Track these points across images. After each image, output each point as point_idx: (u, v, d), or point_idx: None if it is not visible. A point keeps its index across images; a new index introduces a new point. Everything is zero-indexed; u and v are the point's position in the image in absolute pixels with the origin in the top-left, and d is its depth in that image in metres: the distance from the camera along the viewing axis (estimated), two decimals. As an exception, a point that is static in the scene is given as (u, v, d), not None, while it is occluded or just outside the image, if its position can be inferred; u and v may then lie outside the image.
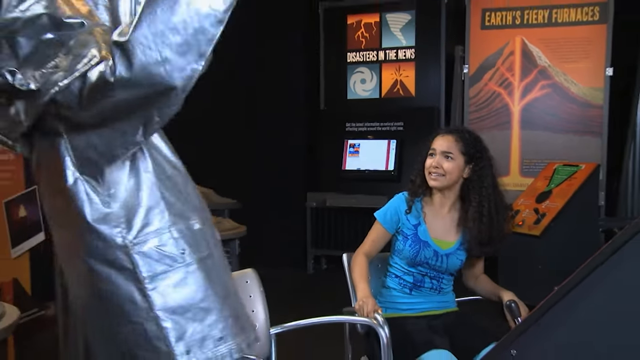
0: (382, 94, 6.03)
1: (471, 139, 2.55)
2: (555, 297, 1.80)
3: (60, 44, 1.30)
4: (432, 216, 2.58)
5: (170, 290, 1.38)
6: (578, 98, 5.25)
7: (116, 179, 1.37)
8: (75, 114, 1.30)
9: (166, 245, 1.38)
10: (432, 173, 2.52)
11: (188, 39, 1.26)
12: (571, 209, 4.24)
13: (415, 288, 2.58)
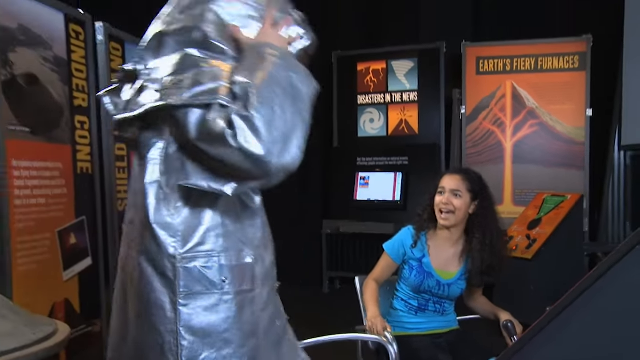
0: (389, 132, 6.04)
1: (475, 177, 2.54)
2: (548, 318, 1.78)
3: (197, 63, 1.27)
4: (436, 249, 2.56)
5: (199, 311, 1.30)
6: (563, 136, 5.23)
7: (185, 195, 1.31)
8: (182, 136, 1.26)
9: (211, 269, 1.31)
10: (442, 211, 2.51)
11: (295, 126, 1.23)
12: (559, 235, 4.20)
13: (420, 310, 2.56)
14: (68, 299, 2.70)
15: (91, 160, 2.91)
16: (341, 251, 5.98)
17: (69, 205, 2.73)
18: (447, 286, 2.53)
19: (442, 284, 2.52)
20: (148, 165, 1.30)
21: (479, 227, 2.51)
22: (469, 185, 2.50)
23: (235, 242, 1.34)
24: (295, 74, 1.25)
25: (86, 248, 2.87)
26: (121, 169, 3.23)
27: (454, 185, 2.50)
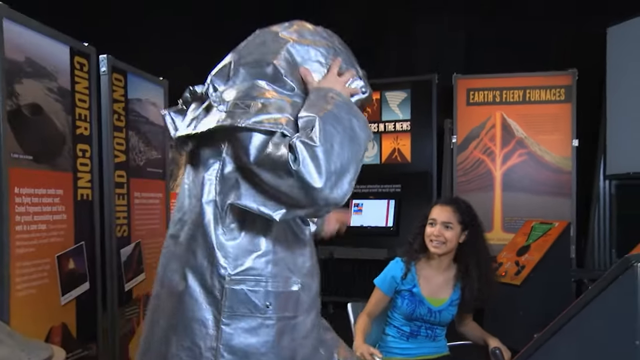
0: (382, 160, 6.06)
1: (466, 208, 2.54)
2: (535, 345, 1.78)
3: (264, 94, 1.32)
4: (426, 277, 2.56)
5: (240, 332, 1.31)
6: (551, 165, 5.26)
7: (239, 217, 1.32)
8: (241, 159, 1.28)
9: (257, 292, 1.31)
10: (433, 241, 2.51)
11: (350, 164, 1.25)
12: (547, 261, 4.20)
13: (412, 336, 2.55)
14: (65, 323, 2.68)
15: (91, 187, 2.92)
16: (335, 276, 5.95)
17: (68, 231, 2.73)
18: (438, 313, 2.52)
19: (434, 311, 2.52)
20: (205, 184, 1.33)
21: (469, 256, 2.51)
22: (459, 217, 2.51)
23: (283, 269, 1.36)
24: (355, 118, 1.30)
25: (84, 273, 2.86)
26: (120, 195, 3.24)
27: (445, 217, 2.50)
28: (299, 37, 1.44)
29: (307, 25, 1.51)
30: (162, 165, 3.76)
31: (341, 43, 1.52)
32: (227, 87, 1.37)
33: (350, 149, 1.25)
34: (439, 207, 2.55)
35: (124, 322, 3.25)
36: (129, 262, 3.31)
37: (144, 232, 3.50)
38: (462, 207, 2.55)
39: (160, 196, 3.72)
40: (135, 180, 3.39)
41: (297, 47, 1.42)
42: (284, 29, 1.47)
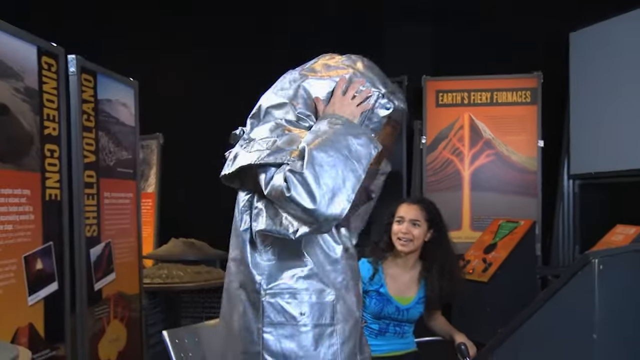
0: (352, 161, 6.07)
1: (431, 207, 2.57)
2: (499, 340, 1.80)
3: (283, 130, 1.50)
4: (393, 276, 2.58)
5: (280, 338, 1.49)
6: (517, 165, 5.34)
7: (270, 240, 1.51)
8: (261, 192, 1.45)
9: (290, 304, 1.49)
10: (401, 239, 2.53)
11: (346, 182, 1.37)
12: (513, 258, 4.25)
13: (380, 334, 2.57)
14: (32, 323, 2.63)
15: (60, 187, 2.87)
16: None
17: (36, 231, 2.68)
18: (405, 311, 2.54)
19: (401, 309, 2.54)
20: (241, 214, 1.55)
21: (435, 253, 2.54)
22: (426, 215, 2.53)
23: (316, 283, 1.52)
24: (354, 137, 1.42)
25: (53, 273, 2.81)
26: (90, 195, 3.19)
27: (413, 215, 2.52)
28: (317, 71, 1.61)
29: (331, 58, 1.68)
30: (133, 165, 3.72)
31: (366, 65, 1.65)
32: (256, 128, 1.56)
33: (345, 167, 1.37)
34: (406, 205, 2.58)
35: (94, 322, 3.21)
36: (98, 262, 3.27)
37: (114, 231, 3.45)
38: (428, 205, 2.58)
39: (130, 196, 3.68)
40: (105, 180, 3.34)
41: (312, 82, 1.59)
42: (307, 66, 1.67)
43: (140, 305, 3.78)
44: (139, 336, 3.74)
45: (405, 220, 2.52)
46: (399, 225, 2.53)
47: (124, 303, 3.56)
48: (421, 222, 2.51)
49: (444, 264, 2.52)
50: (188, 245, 4.86)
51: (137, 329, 3.71)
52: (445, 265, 2.52)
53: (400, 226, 2.53)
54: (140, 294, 3.81)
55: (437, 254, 2.53)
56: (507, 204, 5.29)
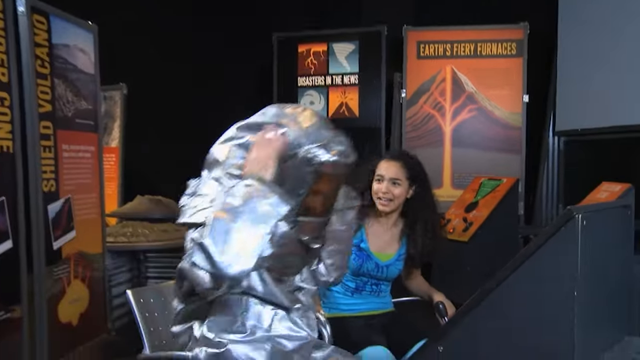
0: (329, 115, 6.02)
1: (413, 163, 2.53)
2: (478, 299, 1.81)
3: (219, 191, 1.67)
4: (374, 232, 2.57)
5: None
6: (501, 120, 5.35)
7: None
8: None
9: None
10: (381, 198, 2.51)
11: (248, 243, 1.51)
12: (495, 217, 4.30)
13: (356, 292, 2.57)
14: (-14, 283, 2.58)
15: (12, 138, 2.79)
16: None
17: (-12, 187, 2.61)
18: (385, 268, 2.55)
19: (381, 266, 2.54)
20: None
21: (417, 211, 2.53)
22: (407, 173, 2.50)
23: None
24: (263, 198, 1.54)
25: (6, 230, 2.76)
26: (47, 147, 3.11)
27: (393, 173, 2.49)
28: (251, 129, 1.76)
29: (268, 111, 1.79)
30: (94, 116, 3.62)
31: (300, 119, 1.72)
32: (202, 183, 1.74)
33: (249, 231, 1.51)
34: (386, 162, 2.54)
35: (53, 283, 3.17)
36: (57, 219, 3.21)
37: (74, 187, 3.39)
38: (410, 161, 2.55)
39: (92, 149, 3.60)
40: (63, 132, 3.25)
41: (240, 146, 1.73)
42: (249, 121, 1.80)
43: (103, 265, 3.75)
44: (102, 297, 3.71)
45: (384, 179, 2.49)
46: (379, 184, 2.50)
47: (85, 262, 3.52)
48: (402, 180, 2.48)
49: (427, 221, 2.52)
50: (154, 203, 4.80)
51: (100, 289, 3.68)
52: (428, 222, 2.52)
53: (380, 185, 2.50)
54: (103, 253, 3.77)
55: (420, 211, 2.52)
56: (490, 161, 5.32)
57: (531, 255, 1.67)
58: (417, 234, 2.52)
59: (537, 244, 1.67)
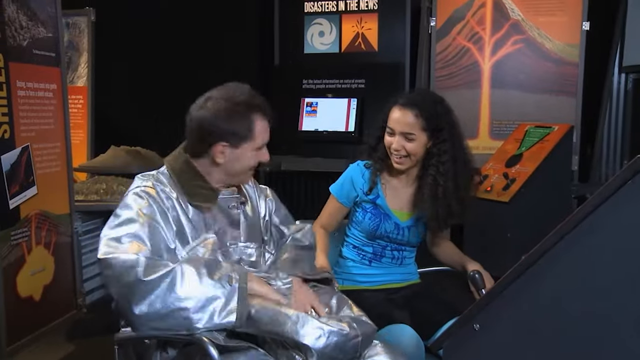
0: (342, 49, 5.96)
1: (432, 109, 2.44)
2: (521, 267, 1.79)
3: None
4: (393, 186, 2.55)
5: None
6: (552, 55, 5.26)
7: None
8: None
9: None
10: (393, 154, 2.47)
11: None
12: (542, 173, 4.27)
13: (375, 259, 2.57)
14: None
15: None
16: (282, 193, 5.94)
17: None
18: (406, 229, 2.54)
19: (401, 227, 2.53)
20: None
21: (432, 168, 2.47)
22: (424, 123, 2.42)
23: None
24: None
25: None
26: (-3, 85, 3.09)
27: (405, 126, 2.42)
28: None
29: None
30: (55, 47, 3.59)
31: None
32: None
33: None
34: (397, 110, 2.46)
35: (10, 249, 3.19)
36: (13, 172, 3.21)
37: (34, 133, 3.38)
38: (427, 107, 2.44)
39: (53, 88, 3.58)
40: (17, 65, 3.23)
41: None
42: None
43: (71, 228, 3.77)
44: (71, 266, 3.75)
45: (396, 132, 2.44)
46: (391, 138, 2.45)
47: (49, 225, 3.54)
48: (417, 133, 2.41)
49: (437, 181, 2.46)
50: (132, 155, 4.81)
51: (68, 257, 3.71)
52: (439, 182, 2.46)
53: (391, 139, 2.45)
54: (71, 213, 3.79)
55: (433, 168, 2.46)
56: (537, 105, 5.26)
57: (586, 217, 1.64)
58: (424, 198, 2.48)
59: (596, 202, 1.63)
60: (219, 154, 2.07)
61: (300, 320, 1.87)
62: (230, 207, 2.18)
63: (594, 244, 1.67)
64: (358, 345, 1.92)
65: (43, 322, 3.47)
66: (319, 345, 1.85)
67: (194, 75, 5.88)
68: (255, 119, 2.10)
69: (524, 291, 1.78)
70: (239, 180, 2.19)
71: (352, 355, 1.92)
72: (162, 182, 2.08)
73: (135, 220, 1.93)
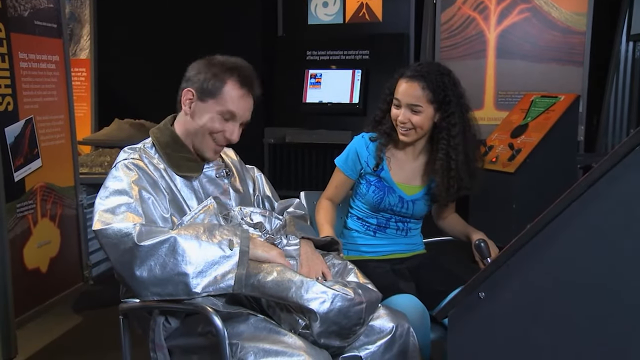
0: (346, 19, 5.93)
1: (439, 81, 2.43)
2: (527, 236, 1.79)
3: None
4: (398, 159, 2.54)
5: None
6: (559, 23, 5.22)
7: None
8: None
9: None
10: (399, 127, 2.46)
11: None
12: (548, 143, 4.26)
13: (379, 230, 2.57)
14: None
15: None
16: (287, 165, 5.97)
17: None
18: (411, 203, 2.53)
19: (406, 200, 2.53)
20: None
21: (442, 141, 2.47)
22: (430, 96, 2.41)
23: None
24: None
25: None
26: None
27: (412, 98, 2.41)
28: None
29: None
30: (56, 18, 3.57)
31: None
32: None
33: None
34: (404, 82, 2.44)
35: (16, 221, 3.20)
36: (17, 145, 3.21)
37: (37, 105, 3.37)
38: (434, 79, 2.43)
39: (56, 59, 3.56)
40: (18, 36, 3.21)
41: None
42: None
43: (76, 201, 3.78)
44: (76, 239, 3.76)
45: (402, 104, 2.43)
46: (397, 110, 2.45)
47: (54, 198, 3.54)
48: (423, 105, 2.40)
49: (449, 155, 2.46)
50: (136, 128, 4.79)
51: (73, 229, 3.72)
52: (451, 155, 2.46)
53: (398, 111, 2.44)
54: (76, 186, 3.79)
55: (444, 141, 2.46)
56: (543, 74, 5.24)
57: (592, 185, 1.63)
58: (436, 170, 2.48)
59: (603, 169, 1.62)
60: (187, 100, 2.09)
61: (305, 285, 1.87)
62: (218, 176, 2.21)
63: (600, 212, 1.66)
64: (362, 312, 1.91)
65: (50, 294, 3.49)
66: (323, 310, 1.85)
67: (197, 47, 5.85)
68: (228, 82, 2.08)
69: (530, 259, 1.78)
70: (198, 146, 2.13)
71: (355, 322, 1.91)
72: (148, 154, 2.09)
73: (127, 191, 1.93)
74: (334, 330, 1.88)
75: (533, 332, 1.72)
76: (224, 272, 1.85)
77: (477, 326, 1.80)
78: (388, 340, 2.02)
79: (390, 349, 2.03)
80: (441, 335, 2.35)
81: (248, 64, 2.17)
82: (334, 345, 1.91)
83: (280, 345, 1.82)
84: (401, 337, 2.04)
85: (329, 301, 1.86)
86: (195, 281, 1.83)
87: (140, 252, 1.81)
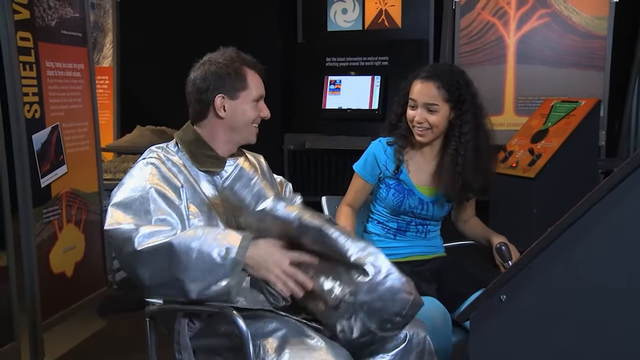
0: (365, 26, 5.96)
1: (453, 80, 2.46)
2: (549, 238, 1.80)
3: None
4: (416, 161, 2.56)
5: None
6: (579, 28, 5.21)
7: None
8: None
9: None
10: (416, 127, 2.49)
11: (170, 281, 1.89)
12: (569, 149, 4.26)
13: (399, 233, 2.59)
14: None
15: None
16: (306, 171, 5.99)
17: None
18: (430, 204, 2.55)
19: (425, 202, 2.55)
20: None
21: (453, 138, 2.49)
22: (445, 95, 2.44)
23: None
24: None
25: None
26: (27, 64, 3.12)
27: (428, 97, 2.45)
28: None
29: None
30: (82, 27, 3.62)
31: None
32: None
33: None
34: (419, 83, 2.48)
35: (42, 226, 3.24)
36: (44, 151, 3.26)
37: (63, 113, 3.42)
38: (449, 79, 2.47)
39: (81, 67, 3.61)
40: (45, 45, 3.26)
41: None
42: None
43: (100, 207, 3.82)
44: (100, 243, 3.80)
45: (418, 104, 2.46)
46: (413, 111, 2.48)
47: (79, 203, 3.59)
48: (439, 104, 2.44)
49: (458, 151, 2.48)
50: (158, 135, 4.84)
51: (98, 235, 3.76)
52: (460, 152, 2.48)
53: (414, 112, 2.47)
54: (100, 192, 3.83)
55: (455, 138, 2.48)
56: (564, 79, 5.23)
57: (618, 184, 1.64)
58: (443, 167, 2.50)
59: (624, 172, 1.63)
60: (220, 107, 2.14)
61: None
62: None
63: (622, 215, 1.67)
64: (407, 303, 1.87)
65: (75, 298, 3.53)
66: (377, 279, 1.86)
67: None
68: (245, 70, 2.18)
69: (552, 262, 1.79)
70: (244, 137, 2.22)
71: (398, 310, 1.87)
72: (169, 151, 2.15)
73: (139, 189, 1.98)
74: (377, 307, 1.87)
75: (554, 334, 1.73)
76: (217, 280, 1.87)
77: (498, 329, 1.81)
78: (403, 349, 2.01)
79: (407, 357, 2.02)
80: (462, 338, 2.36)
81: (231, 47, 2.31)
82: (369, 328, 1.89)
83: (302, 345, 1.86)
84: (418, 345, 2.03)
85: (383, 275, 1.87)
86: (191, 287, 1.87)
87: (140, 257, 1.87)
